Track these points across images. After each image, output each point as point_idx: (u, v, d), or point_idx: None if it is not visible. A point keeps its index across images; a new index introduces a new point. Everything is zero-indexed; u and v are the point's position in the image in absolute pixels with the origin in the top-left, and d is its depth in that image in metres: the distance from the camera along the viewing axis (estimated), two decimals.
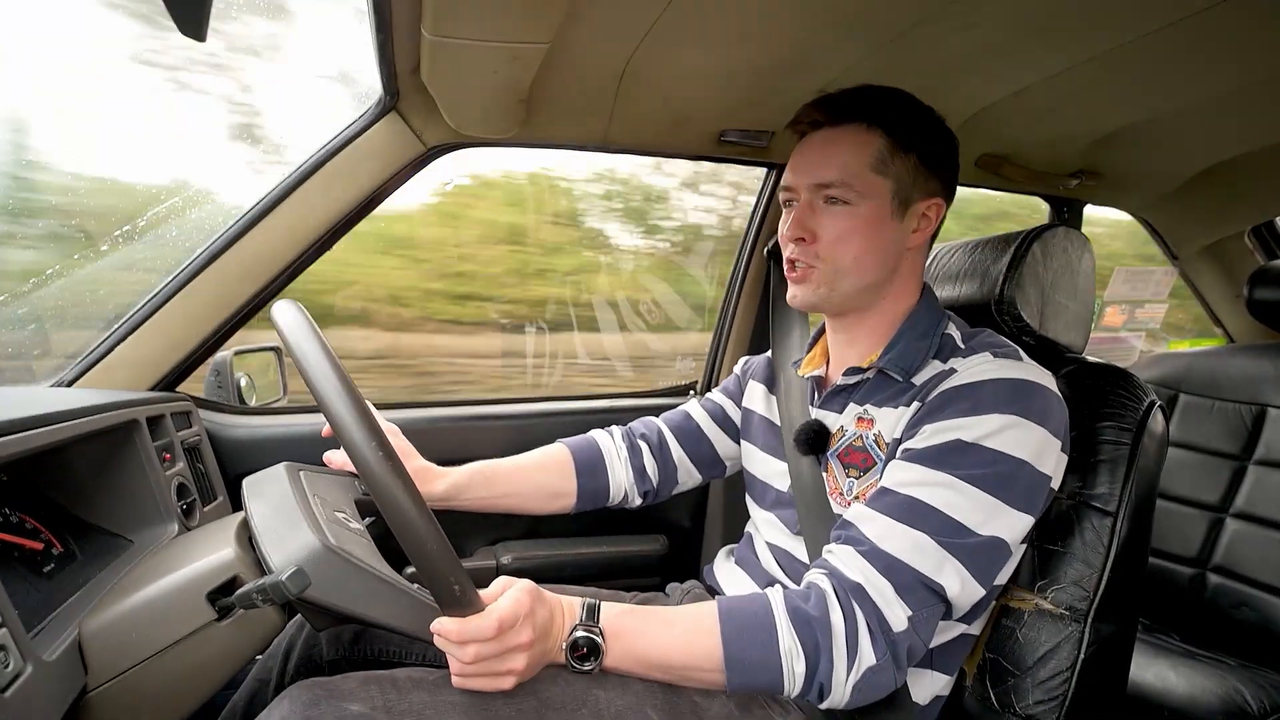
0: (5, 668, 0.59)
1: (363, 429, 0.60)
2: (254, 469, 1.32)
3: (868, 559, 0.70)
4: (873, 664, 0.67)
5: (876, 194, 0.80)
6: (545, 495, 1.02)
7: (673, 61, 1.02)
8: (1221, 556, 1.46)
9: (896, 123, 0.80)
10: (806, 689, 0.68)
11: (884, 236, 0.81)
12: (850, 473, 0.83)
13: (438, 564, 0.62)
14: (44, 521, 0.87)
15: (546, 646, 0.69)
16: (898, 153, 0.80)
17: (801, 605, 0.69)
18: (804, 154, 0.84)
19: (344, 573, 0.68)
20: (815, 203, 0.82)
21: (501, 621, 0.64)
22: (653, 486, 1.08)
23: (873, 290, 0.85)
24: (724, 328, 1.77)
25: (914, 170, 0.81)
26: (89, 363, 1.15)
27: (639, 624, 0.71)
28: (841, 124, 0.82)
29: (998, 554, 0.71)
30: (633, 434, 1.10)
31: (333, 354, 0.63)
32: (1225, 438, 1.51)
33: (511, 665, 0.66)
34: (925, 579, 0.69)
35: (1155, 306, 2.12)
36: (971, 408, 0.72)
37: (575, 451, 1.05)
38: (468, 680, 0.67)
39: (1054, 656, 0.79)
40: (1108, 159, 1.45)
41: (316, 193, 1.19)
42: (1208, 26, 0.89)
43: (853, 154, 0.80)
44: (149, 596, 0.73)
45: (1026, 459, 0.71)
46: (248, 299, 1.22)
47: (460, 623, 0.64)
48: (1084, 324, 0.97)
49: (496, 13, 0.80)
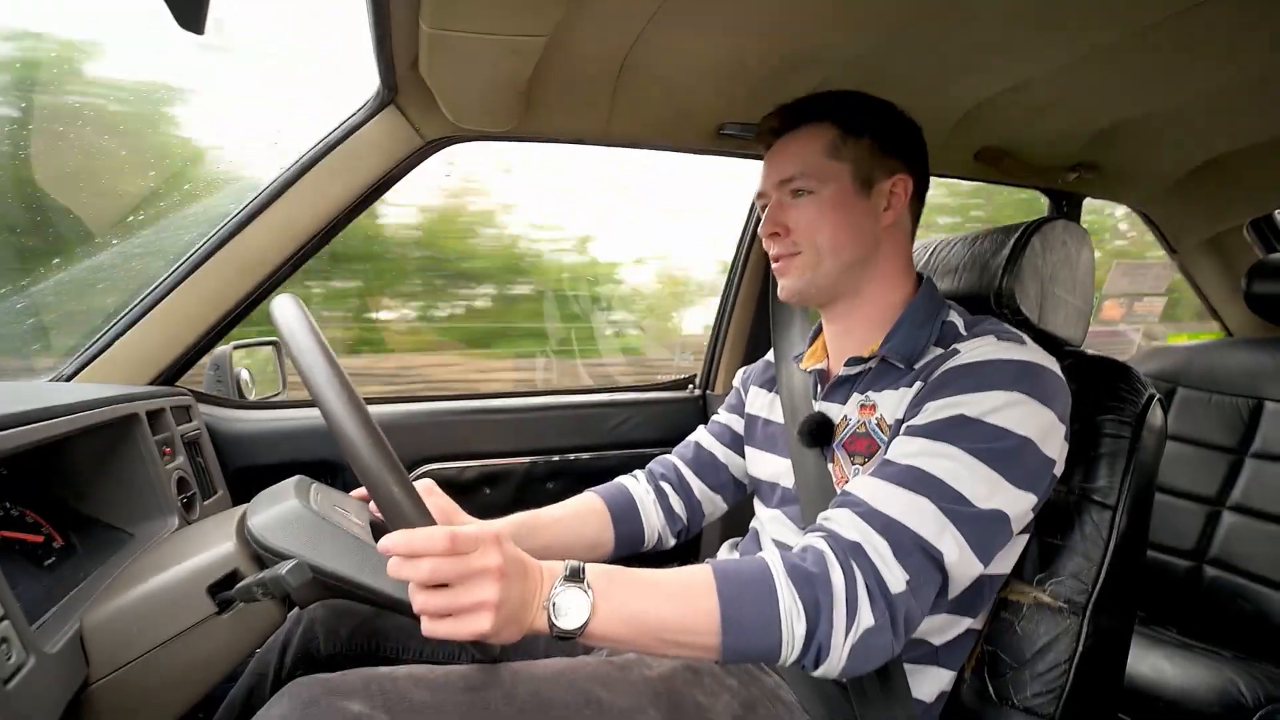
0: (7, 660, 0.59)
1: (357, 422, 0.60)
2: (254, 463, 1.34)
3: (865, 519, 0.68)
4: (870, 625, 0.64)
5: (835, 177, 0.84)
6: (585, 545, 1.01)
7: (672, 55, 1.02)
8: (1218, 549, 1.47)
9: (846, 113, 0.86)
10: (804, 652, 0.65)
11: (853, 216, 0.84)
12: (856, 460, 0.83)
13: (376, 470, 0.60)
14: (45, 515, 0.87)
15: (525, 593, 0.62)
16: (850, 137, 0.85)
17: (800, 564, 0.67)
18: (768, 161, 0.90)
19: (318, 529, 0.69)
20: (783, 199, 0.87)
21: (454, 536, 0.58)
22: (683, 524, 1.08)
23: (855, 271, 0.86)
24: (723, 323, 1.77)
25: (870, 151, 0.85)
26: (88, 357, 1.15)
27: (628, 584, 0.66)
28: (797, 126, 0.88)
29: (998, 528, 0.70)
30: (655, 476, 1.10)
31: (328, 349, 0.63)
32: (1223, 431, 1.52)
33: (481, 595, 0.58)
34: (923, 542, 0.67)
35: (1153, 300, 2.13)
36: (975, 385, 0.72)
37: (609, 500, 1.04)
38: (436, 624, 0.59)
39: (1052, 649, 0.79)
40: (1107, 153, 1.45)
41: (315, 187, 1.19)
42: (1206, 20, 0.88)
43: (808, 147, 0.86)
44: (150, 590, 0.73)
45: (1031, 438, 0.70)
46: (247, 293, 1.22)
47: (407, 531, 0.59)
48: (1083, 318, 0.97)
49: (495, 5, 0.80)
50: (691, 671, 0.82)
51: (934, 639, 0.80)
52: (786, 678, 0.86)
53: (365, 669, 0.74)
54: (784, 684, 0.85)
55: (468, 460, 1.51)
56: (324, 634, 0.91)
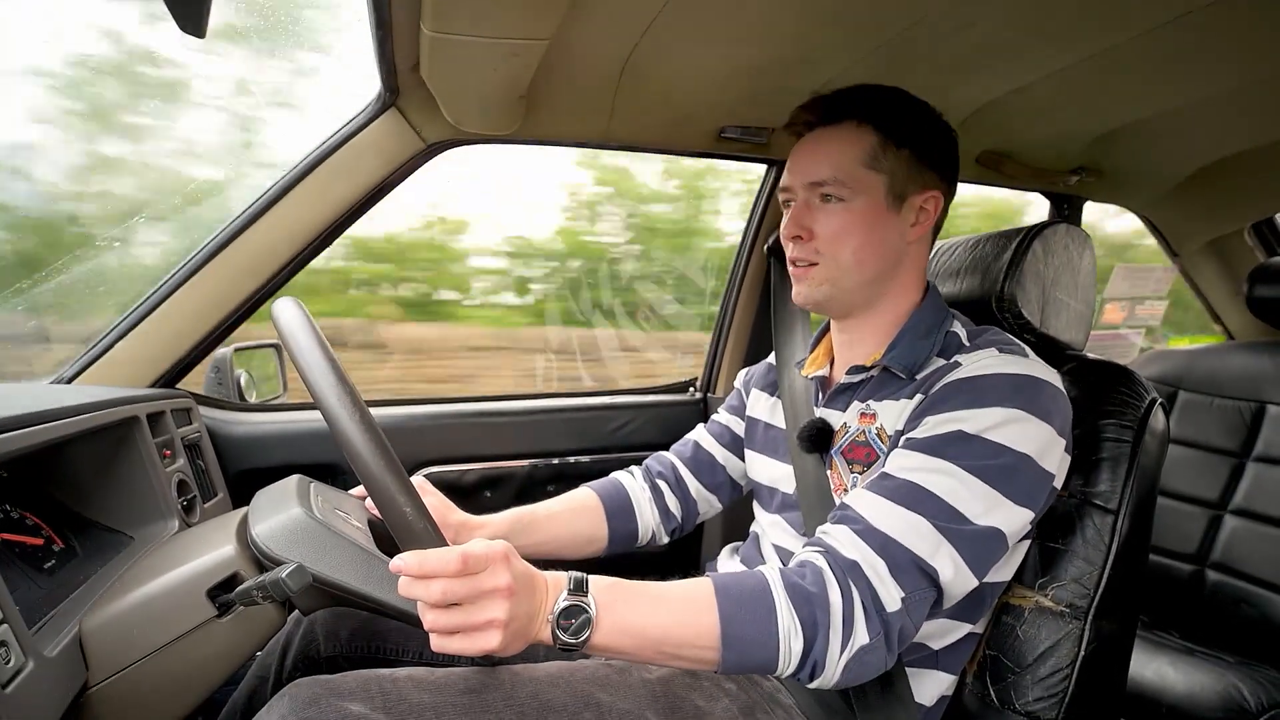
0: (7, 663, 0.59)
1: (357, 424, 0.60)
2: (254, 465, 1.34)
3: (863, 538, 0.69)
4: (865, 643, 0.66)
5: (870, 189, 0.80)
6: (580, 541, 1.02)
7: (673, 58, 1.02)
8: (1220, 553, 1.46)
9: (888, 118, 0.81)
10: (800, 668, 0.66)
11: (881, 231, 0.81)
12: (854, 468, 0.83)
13: (385, 487, 0.60)
14: (45, 518, 0.87)
15: (531, 607, 0.63)
16: (890, 147, 0.80)
17: (799, 582, 0.67)
18: (799, 155, 0.85)
19: (323, 539, 0.69)
20: (811, 201, 0.83)
21: (466, 556, 0.58)
22: (678, 523, 1.09)
23: (876, 286, 0.84)
24: (724, 325, 1.77)
25: (908, 164, 0.81)
26: (89, 359, 1.15)
27: (631, 597, 0.67)
28: (833, 123, 0.83)
29: (994, 545, 0.70)
30: (651, 473, 1.10)
31: (330, 351, 0.63)
32: (1224, 435, 1.51)
33: (491, 614, 0.59)
34: (919, 561, 0.67)
35: (1155, 304, 2.12)
36: (974, 400, 0.72)
37: (604, 496, 1.05)
38: (446, 640, 0.60)
39: (1054, 654, 0.79)
40: (1108, 156, 1.45)
41: (316, 190, 1.19)
42: (1208, 23, 0.88)
43: (844, 151, 0.81)
44: (149, 593, 0.73)
45: (1030, 454, 0.70)
46: (248, 296, 1.22)
47: (419, 553, 0.59)
48: (1085, 322, 0.97)
49: (496, 9, 0.80)
50: (690, 675, 0.82)
51: (934, 643, 0.80)
52: (785, 682, 0.86)
53: (365, 670, 0.74)
54: (782, 688, 0.85)
55: (468, 463, 1.51)
56: (324, 636, 0.91)
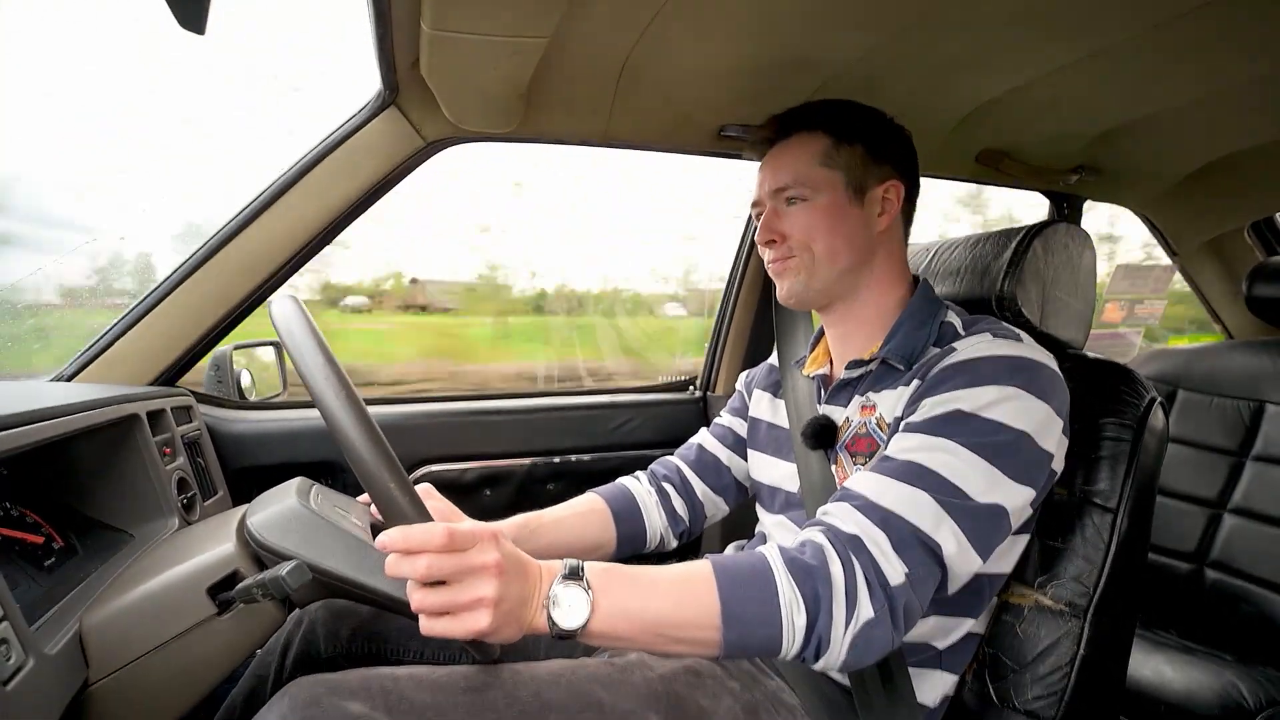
0: (7, 661, 0.59)
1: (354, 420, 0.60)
2: (254, 463, 1.34)
3: (863, 512, 0.68)
4: (870, 618, 0.64)
5: (829, 186, 0.86)
6: (587, 546, 1.01)
7: (673, 56, 1.02)
8: (1219, 552, 1.47)
9: (837, 121, 0.87)
10: (804, 645, 0.65)
11: (847, 223, 0.86)
12: (858, 461, 0.83)
13: (374, 467, 0.59)
14: (45, 516, 0.87)
15: (524, 591, 0.62)
16: (842, 145, 0.86)
17: (799, 557, 0.67)
18: (762, 170, 0.92)
19: (317, 528, 0.70)
20: (779, 207, 0.89)
21: (452, 531, 0.58)
22: (685, 526, 1.08)
23: (852, 276, 0.87)
24: (723, 326, 1.77)
25: (862, 159, 0.86)
26: (89, 357, 1.15)
27: (627, 581, 0.65)
28: (788, 136, 0.90)
29: (997, 522, 0.70)
30: (656, 477, 1.10)
31: (328, 348, 0.63)
32: (1224, 433, 1.52)
33: (479, 592, 0.58)
34: (921, 535, 0.67)
35: (1154, 302, 2.12)
36: (970, 380, 0.72)
37: (611, 501, 1.05)
38: (434, 622, 0.59)
39: (1053, 652, 0.79)
40: (1108, 155, 1.45)
41: (315, 187, 1.19)
42: (1208, 22, 0.88)
43: (800, 156, 0.87)
44: (150, 591, 0.73)
45: (1028, 431, 0.70)
46: (247, 293, 1.22)
47: (404, 528, 0.59)
48: (1084, 321, 0.97)
49: (496, 6, 0.80)
50: (693, 674, 0.82)
51: (937, 642, 0.80)
52: (789, 680, 0.86)
53: (366, 669, 0.73)
54: (786, 687, 0.85)
55: (468, 461, 1.51)
56: (324, 635, 0.91)
